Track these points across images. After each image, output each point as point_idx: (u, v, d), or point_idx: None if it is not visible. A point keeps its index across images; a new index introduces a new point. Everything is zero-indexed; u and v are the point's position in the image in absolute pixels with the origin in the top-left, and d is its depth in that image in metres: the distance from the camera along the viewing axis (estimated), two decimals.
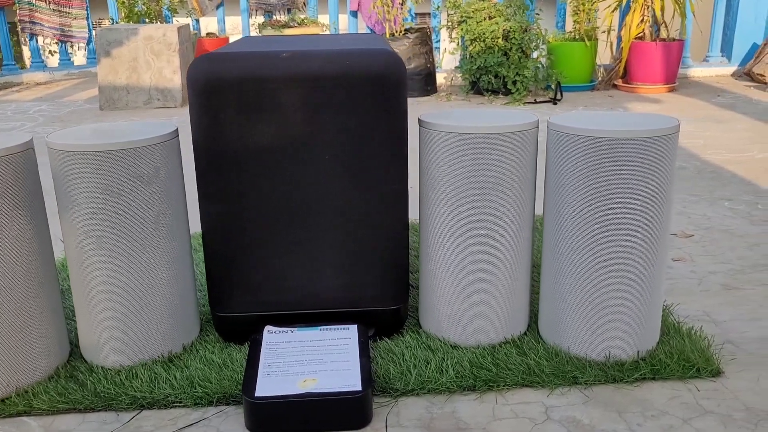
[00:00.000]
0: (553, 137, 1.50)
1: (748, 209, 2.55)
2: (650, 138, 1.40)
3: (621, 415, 1.37)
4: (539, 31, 5.15)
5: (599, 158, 1.41)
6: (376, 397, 1.43)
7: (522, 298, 1.62)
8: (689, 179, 2.96)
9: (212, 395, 1.43)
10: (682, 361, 1.50)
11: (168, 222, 1.51)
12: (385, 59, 1.43)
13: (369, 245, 1.54)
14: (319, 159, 1.47)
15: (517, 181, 1.52)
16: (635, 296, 1.48)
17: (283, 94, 1.42)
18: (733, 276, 1.99)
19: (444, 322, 1.60)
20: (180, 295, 1.56)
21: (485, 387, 1.46)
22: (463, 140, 1.47)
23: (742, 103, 4.73)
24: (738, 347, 1.60)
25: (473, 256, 1.53)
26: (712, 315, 1.76)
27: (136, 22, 6.76)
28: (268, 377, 1.37)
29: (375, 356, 1.54)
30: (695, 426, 1.32)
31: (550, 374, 1.48)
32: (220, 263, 1.54)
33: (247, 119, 1.43)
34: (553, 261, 1.55)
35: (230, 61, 1.42)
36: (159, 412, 1.41)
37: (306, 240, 1.52)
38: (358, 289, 1.57)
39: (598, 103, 4.88)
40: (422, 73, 5.35)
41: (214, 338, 1.63)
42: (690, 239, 2.28)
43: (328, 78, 1.41)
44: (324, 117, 1.44)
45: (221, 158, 1.46)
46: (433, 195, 1.54)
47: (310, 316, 1.57)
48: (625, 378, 1.47)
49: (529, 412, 1.38)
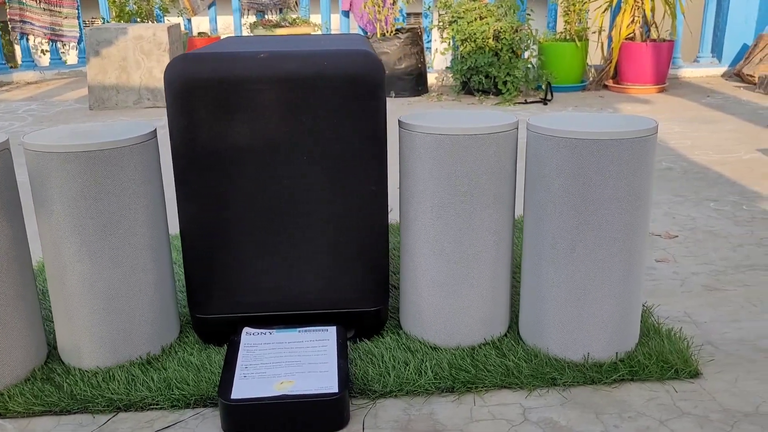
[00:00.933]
0: (532, 138, 1.50)
1: (733, 210, 2.56)
2: (628, 139, 1.41)
3: (598, 416, 1.37)
4: (530, 32, 5.16)
5: (577, 159, 1.41)
6: (354, 399, 1.43)
7: (503, 300, 1.61)
8: (675, 180, 2.97)
9: (189, 397, 1.42)
10: (661, 362, 1.50)
11: (146, 223, 1.50)
12: (362, 60, 1.43)
13: (348, 246, 1.54)
14: (297, 160, 1.47)
15: (497, 183, 1.51)
16: (614, 297, 1.48)
17: (260, 95, 1.42)
18: (715, 277, 1.99)
19: (424, 324, 1.60)
20: (159, 296, 1.55)
21: (464, 388, 1.45)
22: (443, 141, 1.47)
23: (732, 103, 4.74)
24: (717, 348, 1.60)
25: (453, 258, 1.53)
26: (693, 316, 1.76)
27: (127, 21, 6.74)
28: (245, 379, 1.36)
29: (354, 358, 1.54)
30: (671, 427, 1.32)
31: (528, 375, 1.47)
32: (198, 265, 1.54)
33: (224, 120, 1.43)
34: (532, 262, 1.55)
35: (207, 61, 1.41)
36: (135, 415, 1.40)
37: (285, 241, 1.52)
38: (338, 290, 1.56)
39: (588, 104, 4.89)
40: (413, 74, 5.35)
41: (194, 340, 1.63)
42: (674, 240, 2.28)
43: (304, 79, 1.41)
44: (301, 118, 1.44)
45: (199, 159, 1.45)
46: (413, 196, 1.54)
47: (290, 317, 1.57)
48: (603, 379, 1.47)
49: (507, 413, 1.38)
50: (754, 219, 2.45)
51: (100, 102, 5.06)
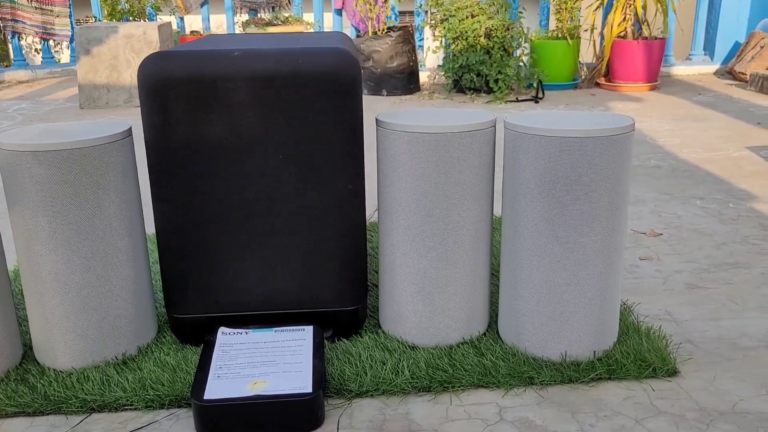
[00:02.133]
0: (509, 137, 1.49)
1: (719, 208, 2.55)
2: (605, 137, 1.40)
3: (574, 415, 1.36)
4: (521, 30, 5.15)
5: (554, 157, 1.40)
6: (330, 399, 1.42)
7: (481, 299, 1.61)
8: (663, 178, 2.96)
9: (164, 398, 1.41)
10: (639, 360, 1.49)
11: (122, 222, 1.49)
12: (337, 58, 1.42)
13: (325, 246, 1.53)
14: (273, 159, 1.46)
15: (475, 181, 1.51)
16: (592, 296, 1.48)
17: (235, 93, 1.41)
18: (698, 275, 1.99)
19: (403, 323, 1.59)
20: (135, 296, 1.54)
21: (440, 388, 1.45)
22: (420, 139, 1.46)
23: (723, 101, 4.74)
24: (697, 347, 1.60)
25: (431, 256, 1.52)
26: (673, 314, 1.76)
27: (119, 20, 6.72)
28: (219, 379, 1.35)
29: (331, 357, 1.53)
30: (647, 426, 1.32)
31: (506, 375, 1.47)
32: (174, 264, 1.53)
33: (198, 118, 1.42)
34: (510, 261, 1.54)
35: (180, 59, 1.40)
36: (109, 415, 1.39)
37: (261, 240, 1.51)
38: (315, 289, 1.55)
39: (579, 102, 4.89)
40: (405, 72, 5.35)
41: (171, 340, 1.62)
42: (659, 238, 2.28)
43: (279, 77, 1.40)
44: (277, 116, 1.43)
45: (173, 158, 1.44)
46: (391, 195, 1.53)
47: (267, 317, 1.56)
48: (580, 378, 1.46)
49: (483, 413, 1.38)
50: (740, 217, 2.45)
51: (91, 101, 5.04)
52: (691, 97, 4.92)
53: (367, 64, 5.32)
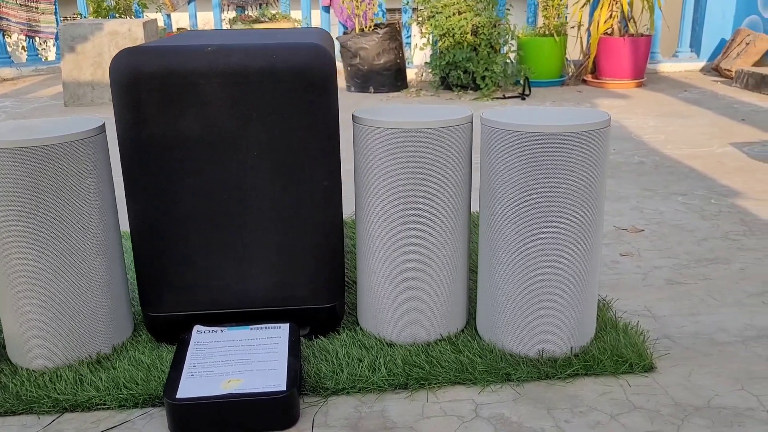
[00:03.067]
0: (485, 133, 1.48)
1: (701, 204, 2.56)
2: (581, 132, 1.39)
3: (550, 411, 1.36)
4: (508, 27, 5.15)
5: (530, 153, 1.40)
6: (306, 397, 1.41)
7: (459, 295, 1.60)
8: (646, 174, 2.97)
9: (138, 397, 1.40)
10: (615, 356, 1.49)
11: (96, 219, 1.47)
12: (311, 53, 1.41)
13: (301, 243, 1.52)
14: (247, 155, 1.44)
15: (452, 177, 1.50)
16: (569, 292, 1.47)
17: (207, 89, 1.39)
18: (678, 271, 1.99)
19: (380, 320, 1.59)
20: (110, 294, 1.53)
21: (417, 385, 1.44)
22: (396, 135, 1.45)
23: (708, 98, 4.76)
24: (674, 342, 1.60)
25: (408, 253, 1.51)
26: (652, 310, 1.76)
27: (105, 17, 6.67)
28: (192, 378, 1.34)
29: (308, 355, 1.52)
30: (622, 422, 1.32)
31: (482, 371, 1.46)
32: (148, 262, 1.51)
33: (170, 114, 1.40)
34: (488, 257, 1.53)
35: (152, 55, 1.39)
36: (82, 415, 1.38)
37: (236, 238, 1.50)
38: (291, 287, 1.54)
39: (566, 99, 4.89)
40: (392, 69, 5.33)
41: (147, 338, 1.60)
42: (640, 234, 2.28)
43: (252, 73, 1.39)
44: (250, 112, 1.42)
45: (145, 154, 1.43)
46: (368, 191, 1.52)
47: (243, 315, 1.55)
48: (557, 374, 1.46)
49: (459, 409, 1.37)
50: (721, 213, 2.46)
51: (75, 98, 5.00)
52: (676, 94, 4.94)
53: (354, 61, 5.31)
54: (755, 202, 2.55)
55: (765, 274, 1.94)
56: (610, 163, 3.16)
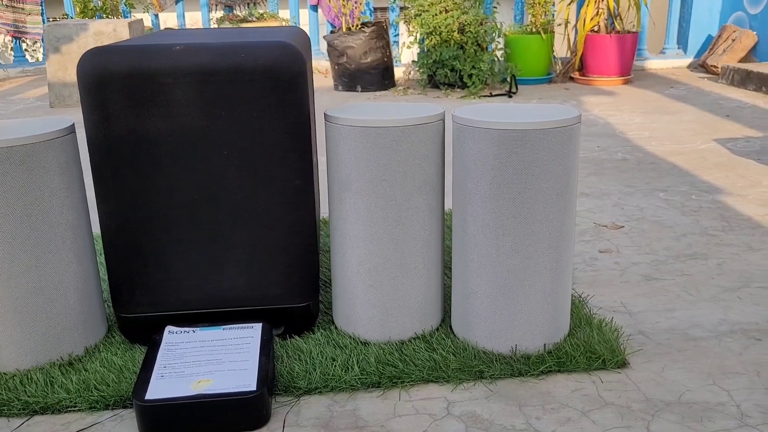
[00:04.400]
0: (457, 130, 1.48)
1: (682, 200, 2.57)
2: (551, 129, 1.39)
3: (521, 408, 1.36)
4: (495, 25, 5.15)
5: (500, 150, 1.40)
6: (279, 397, 1.41)
7: (434, 293, 1.60)
8: (629, 171, 2.98)
9: (109, 398, 1.39)
10: (588, 353, 1.49)
11: (67, 220, 1.46)
12: (279, 51, 1.40)
13: (273, 242, 1.51)
14: (217, 155, 1.44)
15: (425, 175, 1.50)
16: (542, 289, 1.47)
17: (175, 88, 1.38)
18: (655, 267, 1.99)
19: (355, 319, 1.58)
20: (82, 296, 1.52)
21: (389, 384, 1.44)
22: (366, 134, 1.45)
23: (694, 94, 4.77)
24: (648, 338, 1.60)
25: (382, 252, 1.51)
26: (628, 306, 1.76)
27: (92, 17, 6.64)
28: (162, 379, 1.33)
29: (282, 354, 1.52)
30: (592, 418, 1.32)
31: (455, 369, 1.46)
32: (119, 262, 1.50)
33: (138, 114, 1.39)
34: (461, 255, 1.53)
35: (119, 54, 1.38)
36: (52, 417, 1.37)
37: (207, 237, 1.49)
38: (264, 286, 1.54)
39: (553, 96, 4.90)
40: (379, 68, 5.33)
41: (120, 339, 1.59)
42: (620, 230, 2.29)
43: (220, 71, 1.38)
44: (219, 111, 1.41)
45: (114, 155, 1.42)
46: (340, 190, 1.52)
47: (216, 315, 1.54)
48: (530, 371, 1.46)
49: (431, 407, 1.37)
50: (701, 209, 2.46)
51: (61, 99, 4.98)
52: (663, 91, 4.95)
53: (341, 60, 5.30)
54: (736, 198, 2.56)
55: (741, 269, 1.95)
56: (593, 160, 3.16)
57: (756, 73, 4.76)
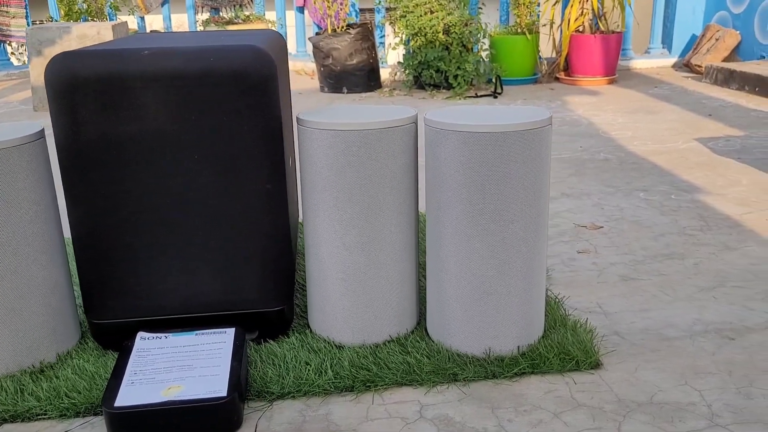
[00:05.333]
0: (429, 133, 1.48)
1: (662, 199, 2.58)
2: (521, 131, 1.39)
3: (494, 411, 1.36)
4: (480, 25, 5.16)
5: (472, 153, 1.40)
6: (252, 402, 1.40)
7: (409, 296, 1.60)
8: (610, 171, 2.99)
9: (80, 406, 1.38)
10: (562, 354, 1.49)
11: (37, 226, 1.45)
12: (249, 55, 1.39)
13: (246, 246, 1.51)
14: (188, 159, 1.43)
15: (398, 178, 1.50)
16: (515, 291, 1.47)
17: (145, 93, 1.38)
18: (633, 267, 2.00)
19: (330, 323, 1.58)
20: (54, 302, 1.51)
21: (363, 387, 1.43)
22: (337, 137, 1.44)
23: (677, 94, 4.80)
24: (623, 338, 1.61)
25: (356, 255, 1.51)
26: (604, 306, 1.77)
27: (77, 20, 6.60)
28: (132, 386, 1.32)
29: (255, 359, 1.51)
30: (564, 420, 1.32)
31: (429, 372, 1.46)
32: (92, 268, 1.49)
33: (107, 119, 1.38)
34: (436, 258, 1.53)
35: (88, 58, 1.37)
36: (22, 426, 1.36)
37: (179, 242, 1.48)
38: (237, 291, 1.53)
39: (538, 96, 4.91)
40: (365, 69, 5.32)
41: (93, 346, 1.58)
42: (599, 231, 2.29)
43: (189, 76, 1.37)
44: (190, 115, 1.40)
45: (84, 160, 1.41)
46: (313, 193, 1.51)
47: (189, 320, 1.53)
48: (504, 373, 1.46)
49: (403, 411, 1.37)
50: (680, 208, 2.47)
51: (45, 103, 4.94)
52: (647, 90, 4.98)
53: (326, 61, 5.29)
54: (715, 197, 2.58)
55: (718, 268, 1.96)
56: (575, 161, 3.17)
57: (739, 73, 4.79)
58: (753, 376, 1.43)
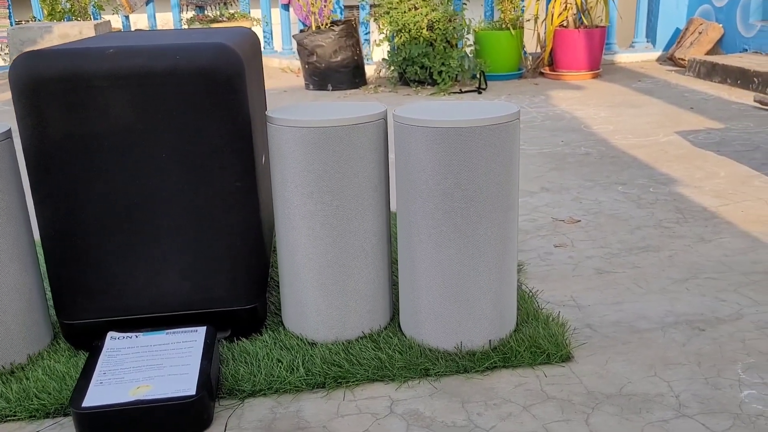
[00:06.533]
0: (398, 129, 1.48)
1: (639, 193, 2.59)
2: (489, 126, 1.40)
3: (464, 405, 1.36)
4: (464, 21, 5.16)
5: (440, 149, 1.40)
6: (223, 400, 1.40)
7: (382, 293, 1.60)
8: (590, 165, 3.00)
9: (50, 407, 1.37)
10: (533, 348, 1.50)
11: (5, 227, 1.44)
12: (216, 53, 1.39)
13: (217, 245, 1.50)
14: (155, 158, 1.43)
15: (368, 174, 1.50)
16: (486, 286, 1.48)
17: (110, 92, 1.37)
18: (608, 260, 2.01)
19: (303, 320, 1.58)
20: (24, 303, 1.50)
21: (334, 384, 1.44)
22: (305, 134, 1.44)
23: (660, 87, 4.82)
24: (595, 331, 1.62)
25: (328, 252, 1.51)
26: (578, 300, 1.78)
27: (60, 20, 6.56)
28: (101, 386, 1.32)
29: (228, 358, 1.51)
30: (533, 412, 1.33)
31: (401, 368, 1.46)
32: (60, 269, 1.49)
33: (73, 118, 1.38)
34: (407, 253, 1.53)
35: (52, 58, 1.36)
36: None
37: (149, 241, 1.48)
38: (209, 289, 1.53)
39: (522, 91, 4.92)
40: (350, 66, 5.32)
41: (66, 346, 1.58)
42: (576, 225, 2.30)
43: (155, 74, 1.37)
44: (156, 114, 1.40)
45: (50, 160, 1.40)
46: (284, 191, 1.51)
47: (161, 319, 1.53)
48: (475, 368, 1.46)
49: (374, 407, 1.37)
50: (657, 201, 2.49)
51: None
52: (630, 84, 5.00)
53: (311, 59, 5.28)
54: (692, 189, 2.59)
55: (692, 260, 1.97)
56: (556, 155, 3.18)
57: (721, 66, 4.82)
58: (721, 366, 1.45)
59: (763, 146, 3.14)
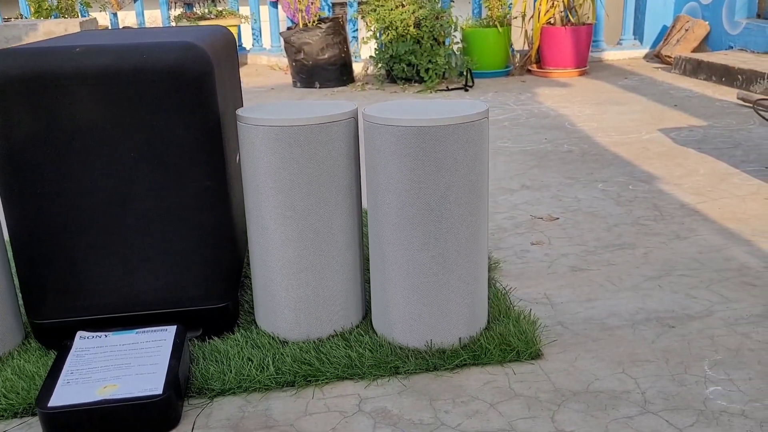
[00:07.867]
0: (367, 128, 1.48)
1: (619, 190, 2.60)
2: (456, 125, 1.40)
3: (432, 403, 1.37)
4: (451, 18, 5.16)
5: (407, 147, 1.40)
6: (192, 399, 1.41)
7: (354, 290, 1.60)
8: (572, 162, 3.01)
9: (17, 406, 1.37)
10: (503, 345, 1.51)
11: None
12: (183, 52, 1.39)
13: (188, 244, 1.50)
14: (125, 157, 1.42)
15: (338, 172, 1.50)
16: (456, 284, 1.48)
17: (78, 91, 1.37)
18: (583, 257, 2.02)
19: (275, 319, 1.58)
20: None
21: (304, 382, 1.44)
22: (274, 133, 1.44)
23: (646, 85, 4.83)
24: (566, 328, 1.62)
25: (298, 251, 1.51)
26: (552, 297, 1.78)
27: (47, 17, 6.52)
28: (68, 385, 1.32)
29: (199, 357, 1.51)
30: (500, 410, 1.33)
31: (371, 366, 1.47)
32: (29, 268, 1.48)
33: (41, 117, 1.37)
34: (378, 252, 1.54)
35: (18, 57, 1.36)
36: None
37: (119, 241, 1.48)
38: (179, 288, 1.53)
39: (509, 89, 4.93)
40: (337, 63, 5.31)
41: (37, 346, 1.57)
42: (554, 222, 2.31)
43: (122, 73, 1.37)
44: (125, 113, 1.40)
45: (19, 159, 1.40)
46: (255, 190, 1.51)
47: (131, 319, 1.53)
48: (445, 366, 1.47)
49: (342, 405, 1.37)
50: (636, 198, 2.50)
51: None
52: (616, 82, 5.01)
53: (298, 56, 5.27)
54: (671, 187, 2.60)
55: (666, 257, 1.98)
56: (538, 153, 3.19)
57: (706, 63, 4.84)
58: (688, 362, 1.46)
59: (744, 143, 3.16)
